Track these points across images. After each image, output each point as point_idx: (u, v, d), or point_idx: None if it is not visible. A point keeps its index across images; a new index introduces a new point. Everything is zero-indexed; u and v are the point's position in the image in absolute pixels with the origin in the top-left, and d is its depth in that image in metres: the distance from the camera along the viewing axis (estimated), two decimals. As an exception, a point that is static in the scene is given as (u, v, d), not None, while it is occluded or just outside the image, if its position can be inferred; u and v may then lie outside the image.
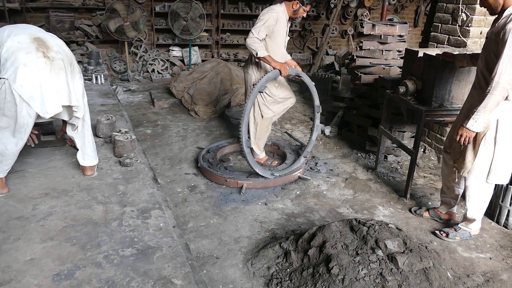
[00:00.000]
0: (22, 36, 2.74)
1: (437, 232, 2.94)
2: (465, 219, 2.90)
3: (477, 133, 2.56)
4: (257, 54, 3.36)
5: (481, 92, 2.47)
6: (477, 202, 2.80)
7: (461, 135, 2.58)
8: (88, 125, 3.18)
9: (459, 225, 2.92)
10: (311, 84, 3.75)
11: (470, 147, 2.66)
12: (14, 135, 2.82)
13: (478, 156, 2.64)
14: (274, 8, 3.50)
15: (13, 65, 2.64)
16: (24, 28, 2.88)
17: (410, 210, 3.27)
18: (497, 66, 2.32)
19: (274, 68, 3.42)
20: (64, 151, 3.75)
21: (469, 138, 2.56)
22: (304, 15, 3.62)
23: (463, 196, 2.94)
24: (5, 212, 2.74)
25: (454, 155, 2.85)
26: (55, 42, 2.87)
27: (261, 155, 3.99)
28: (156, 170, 3.81)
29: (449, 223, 3.09)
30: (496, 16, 2.52)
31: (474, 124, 2.49)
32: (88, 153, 3.23)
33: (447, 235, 2.89)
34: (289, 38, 3.88)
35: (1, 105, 2.70)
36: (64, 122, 3.32)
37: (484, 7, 2.58)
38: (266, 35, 3.46)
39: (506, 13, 2.40)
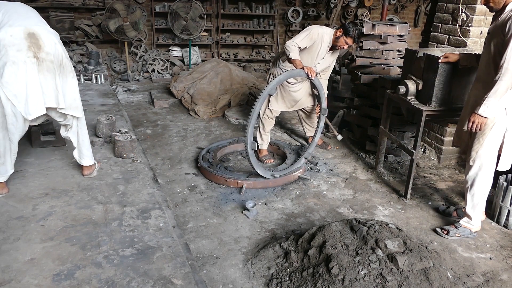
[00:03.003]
0: (17, 29, 2.64)
1: (438, 230, 2.96)
2: (466, 215, 2.92)
3: (486, 121, 2.64)
4: (289, 54, 3.57)
5: (486, 84, 2.57)
6: (477, 193, 2.83)
7: (473, 122, 2.64)
8: (82, 124, 3.12)
9: (459, 222, 2.93)
10: (320, 87, 3.76)
11: (477, 137, 2.73)
12: (5, 135, 2.78)
13: (485, 145, 2.71)
14: (322, 28, 3.78)
15: (1, 60, 2.60)
16: (21, 16, 2.74)
17: (437, 210, 3.28)
18: (505, 54, 2.44)
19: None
20: (64, 151, 3.75)
21: (481, 124, 2.63)
22: (345, 46, 3.73)
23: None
24: (5, 212, 2.73)
25: (464, 146, 2.95)
26: (48, 41, 2.74)
27: (263, 146, 4.15)
28: (156, 170, 3.81)
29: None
30: (496, 12, 2.64)
31: (486, 109, 2.56)
32: (83, 152, 3.20)
33: (447, 233, 2.90)
34: (328, 65, 4.01)
35: None
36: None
37: (485, 5, 2.68)
38: (306, 47, 3.71)
39: (508, 7, 2.54)
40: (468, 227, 2.90)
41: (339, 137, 4.25)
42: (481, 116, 2.59)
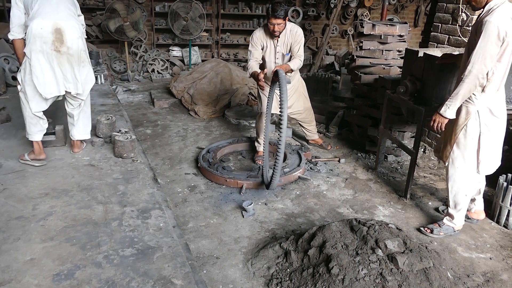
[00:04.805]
0: (47, 23, 3.13)
1: (422, 229, 2.98)
2: (448, 214, 2.94)
3: (455, 123, 2.65)
4: (248, 74, 3.74)
5: None
6: (458, 194, 2.84)
7: (434, 121, 2.68)
8: (87, 103, 3.68)
9: (443, 221, 2.96)
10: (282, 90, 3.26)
11: (449, 137, 2.76)
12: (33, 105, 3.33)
13: (458, 147, 2.73)
14: (257, 29, 3.80)
15: (30, 47, 3.13)
16: (53, 9, 3.18)
17: (437, 210, 3.29)
18: (471, 56, 2.45)
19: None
20: (64, 151, 3.75)
21: (441, 124, 2.66)
22: (275, 28, 3.57)
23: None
24: (5, 212, 2.74)
25: (438, 145, 2.99)
26: (70, 36, 3.25)
27: (259, 148, 4.19)
28: (156, 170, 3.81)
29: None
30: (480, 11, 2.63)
31: (447, 110, 2.59)
32: (84, 128, 3.68)
33: (431, 231, 2.92)
34: (285, 54, 3.83)
35: (25, 75, 3.23)
36: None
37: (467, 3, 2.68)
38: (261, 54, 3.81)
39: (487, 7, 2.51)
40: (451, 225, 2.93)
41: (342, 160, 4.22)
42: (442, 116, 2.62)
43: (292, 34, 3.74)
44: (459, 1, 3.83)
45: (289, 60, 3.80)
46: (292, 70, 3.74)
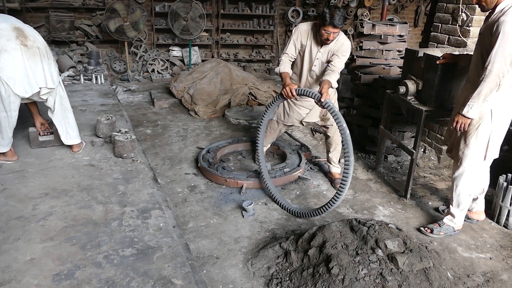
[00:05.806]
0: (4, 25, 3.09)
1: (422, 228, 2.98)
2: (449, 213, 2.95)
3: (470, 122, 2.66)
4: (277, 69, 3.30)
5: (474, 84, 2.57)
6: (462, 193, 2.86)
7: (457, 122, 2.68)
8: (66, 106, 3.55)
9: (443, 220, 2.96)
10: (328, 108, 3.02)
11: (463, 136, 2.77)
12: (3, 114, 3.20)
13: (469, 146, 2.74)
14: (304, 24, 3.35)
15: None
16: (5, 18, 3.25)
17: (437, 210, 3.29)
18: (490, 56, 2.46)
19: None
20: (64, 151, 3.75)
21: (464, 124, 2.66)
22: (329, 37, 3.12)
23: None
24: (5, 212, 2.73)
25: (450, 145, 2.98)
26: (31, 33, 3.23)
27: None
28: (156, 170, 3.81)
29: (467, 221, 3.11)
30: (489, 12, 2.64)
31: (470, 110, 2.59)
32: (69, 132, 3.61)
33: (431, 231, 2.93)
34: (323, 64, 3.36)
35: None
36: (36, 116, 3.68)
37: (477, 4, 2.68)
38: (300, 53, 3.36)
39: (498, 8, 2.53)
40: (452, 225, 2.94)
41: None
42: (465, 117, 2.63)
43: (338, 42, 3.25)
44: (459, 1, 3.83)
45: (325, 73, 3.26)
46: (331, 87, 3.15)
